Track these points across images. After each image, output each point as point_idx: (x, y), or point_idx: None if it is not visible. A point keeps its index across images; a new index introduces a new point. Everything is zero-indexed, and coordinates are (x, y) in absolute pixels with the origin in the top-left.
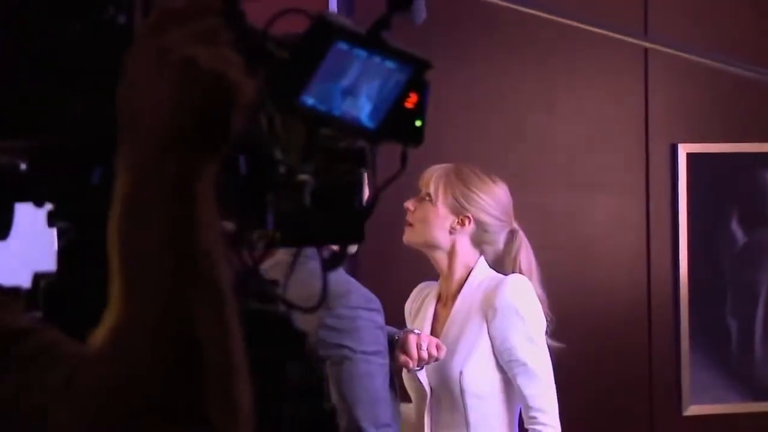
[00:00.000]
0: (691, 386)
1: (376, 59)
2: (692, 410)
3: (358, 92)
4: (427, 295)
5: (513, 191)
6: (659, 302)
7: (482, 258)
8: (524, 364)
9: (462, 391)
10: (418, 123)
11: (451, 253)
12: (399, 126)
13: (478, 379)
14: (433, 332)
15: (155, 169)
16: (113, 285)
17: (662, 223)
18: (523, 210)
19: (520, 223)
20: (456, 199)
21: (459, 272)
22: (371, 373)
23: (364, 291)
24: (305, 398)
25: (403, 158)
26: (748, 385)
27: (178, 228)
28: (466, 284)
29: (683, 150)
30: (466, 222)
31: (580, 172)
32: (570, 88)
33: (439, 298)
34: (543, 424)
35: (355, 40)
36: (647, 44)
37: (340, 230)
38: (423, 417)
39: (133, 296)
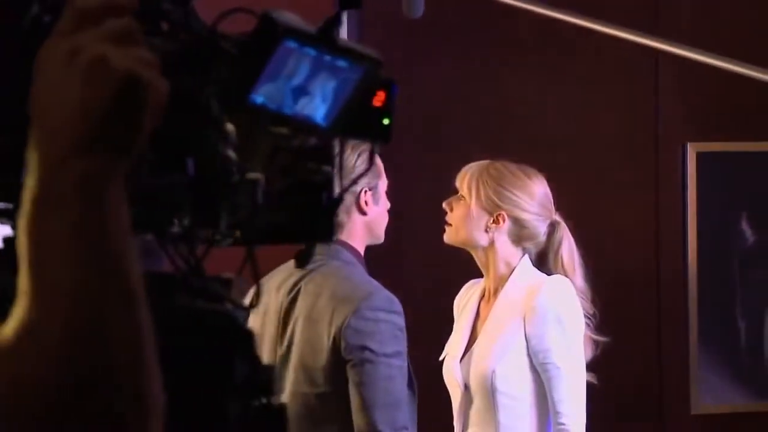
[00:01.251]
0: (699, 385)
1: (327, 58)
2: (701, 409)
3: (312, 91)
4: (474, 292)
5: None
6: (668, 301)
7: (526, 257)
8: (558, 368)
9: (493, 390)
10: (385, 121)
11: (491, 251)
12: (367, 124)
13: (511, 379)
14: (474, 329)
15: (64, 169)
16: (21, 280)
17: (671, 223)
18: None
19: None
20: (489, 197)
21: (500, 270)
22: (392, 376)
23: (386, 293)
24: (253, 396)
25: (371, 156)
26: (757, 385)
27: (86, 229)
28: (507, 283)
29: (692, 149)
30: (501, 220)
31: (589, 171)
32: (580, 87)
33: (483, 295)
34: (570, 431)
35: (304, 38)
36: (658, 45)
37: (308, 228)
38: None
39: (41, 294)
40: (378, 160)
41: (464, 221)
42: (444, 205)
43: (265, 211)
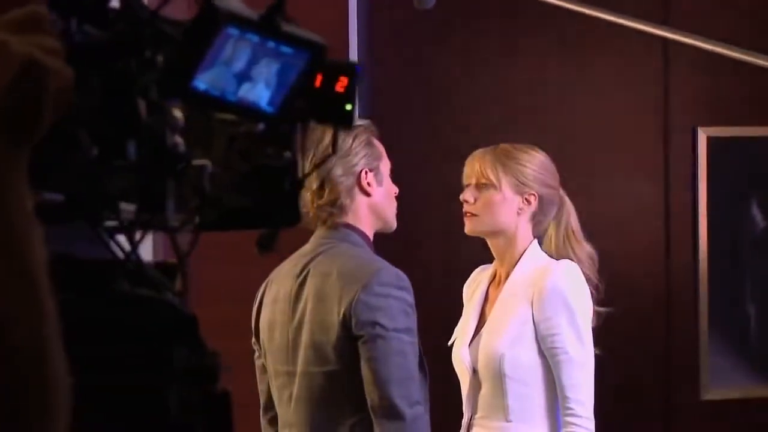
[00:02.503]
0: (709, 371)
1: (270, 44)
2: (710, 395)
3: (255, 77)
4: (484, 277)
5: None
6: (678, 287)
7: (535, 242)
8: (566, 353)
9: (502, 374)
10: (348, 107)
11: (513, 236)
12: (329, 109)
13: (519, 363)
14: (483, 313)
15: None
16: None
17: (682, 208)
18: None
19: None
20: (517, 178)
21: (516, 254)
22: (404, 351)
23: (395, 270)
24: (194, 383)
25: (334, 141)
26: (767, 370)
27: None
28: (516, 267)
29: (703, 134)
30: (532, 199)
31: (599, 156)
32: (590, 72)
33: (492, 280)
34: (578, 416)
35: (245, 24)
36: (668, 34)
37: (271, 213)
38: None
39: None
40: (377, 143)
41: (494, 208)
42: (466, 196)
43: (227, 197)
